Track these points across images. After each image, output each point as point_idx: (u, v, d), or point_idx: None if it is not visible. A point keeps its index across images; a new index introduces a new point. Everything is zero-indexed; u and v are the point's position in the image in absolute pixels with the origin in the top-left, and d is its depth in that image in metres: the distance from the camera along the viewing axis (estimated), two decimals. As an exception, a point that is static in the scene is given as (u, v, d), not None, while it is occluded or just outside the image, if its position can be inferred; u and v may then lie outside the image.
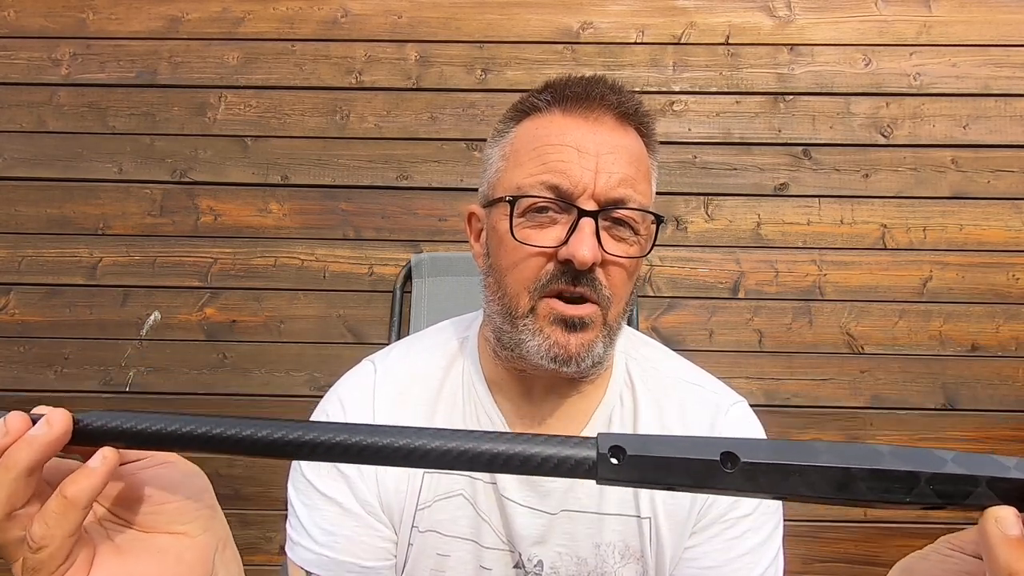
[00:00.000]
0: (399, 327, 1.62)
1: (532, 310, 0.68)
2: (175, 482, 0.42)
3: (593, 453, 0.35)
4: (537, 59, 1.72)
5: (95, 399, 1.68)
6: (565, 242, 0.66)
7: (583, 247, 0.64)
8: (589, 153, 0.67)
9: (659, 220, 0.71)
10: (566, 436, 0.37)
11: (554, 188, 0.67)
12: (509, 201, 0.68)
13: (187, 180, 1.71)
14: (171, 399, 1.68)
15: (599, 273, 0.67)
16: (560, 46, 1.72)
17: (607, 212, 0.67)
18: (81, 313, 1.70)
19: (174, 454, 0.42)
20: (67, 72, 1.73)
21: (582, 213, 0.66)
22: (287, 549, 0.75)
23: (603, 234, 0.67)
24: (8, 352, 1.69)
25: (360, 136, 1.72)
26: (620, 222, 0.68)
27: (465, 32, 1.73)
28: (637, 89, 1.71)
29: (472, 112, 1.71)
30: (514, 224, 0.68)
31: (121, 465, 0.39)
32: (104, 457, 0.37)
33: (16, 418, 0.36)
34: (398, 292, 1.63)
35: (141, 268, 1.70)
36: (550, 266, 0.67)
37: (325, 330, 1.69)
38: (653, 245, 0.72)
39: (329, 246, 1.70)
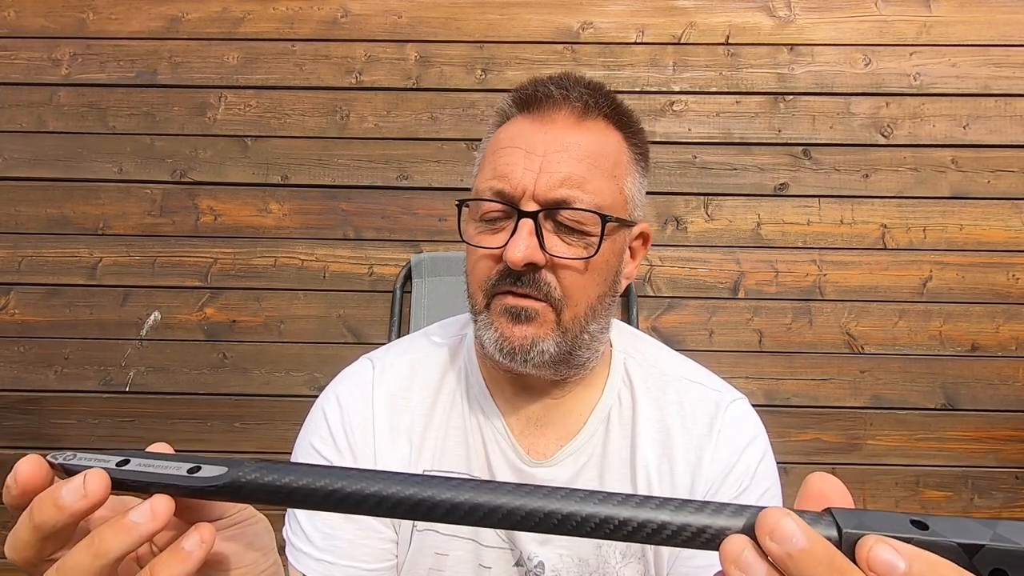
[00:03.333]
0: (399, 327, 1.62)
1: (487, 307, 0.70)
2: (252, 541, 0.37)
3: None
4: (537, 59, 1.72)
5: (95, 399, 1.68)
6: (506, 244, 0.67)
7: (514, 249, 0.65)
8: (536, 154, 0.67)
9: (604, 220, 0.68)
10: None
11: (499, 193, 0.68)
12: (456, 205, 0.72)
13: (187, 180, 1.71)
14: (171, 399, 1.68)
15: (545, 274, 0.67)
16: (560, 46, 1.72)
17: (551, 213, 0.67)
18: (81, 313, 1.70)
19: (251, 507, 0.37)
20: (67, 72, 1.73)
21: (521, 215, 0.66)
22: (287, 553, 0.75)
23: (550, 235, 0.67)
24: (8, 352, 1.69)
25: (360, 136, 1.71)
26: (565, 223, 0.68)
27: (465, 32, 1.73)
28: (637, 89, 1.71)
29: (472, 112, 1.71)
30: (473, 228, 0.71)
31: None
32: (202, 541, 0.31)
33: (98, 482, 0.29)
34: (398, 292, 1.63)
35: (141, 268, 1.70)
36: (499, 267, 0.68)
37: (325, 330, 1.69)
38: (601, 244, 0.68)
39: (329, 246, 1.70)
